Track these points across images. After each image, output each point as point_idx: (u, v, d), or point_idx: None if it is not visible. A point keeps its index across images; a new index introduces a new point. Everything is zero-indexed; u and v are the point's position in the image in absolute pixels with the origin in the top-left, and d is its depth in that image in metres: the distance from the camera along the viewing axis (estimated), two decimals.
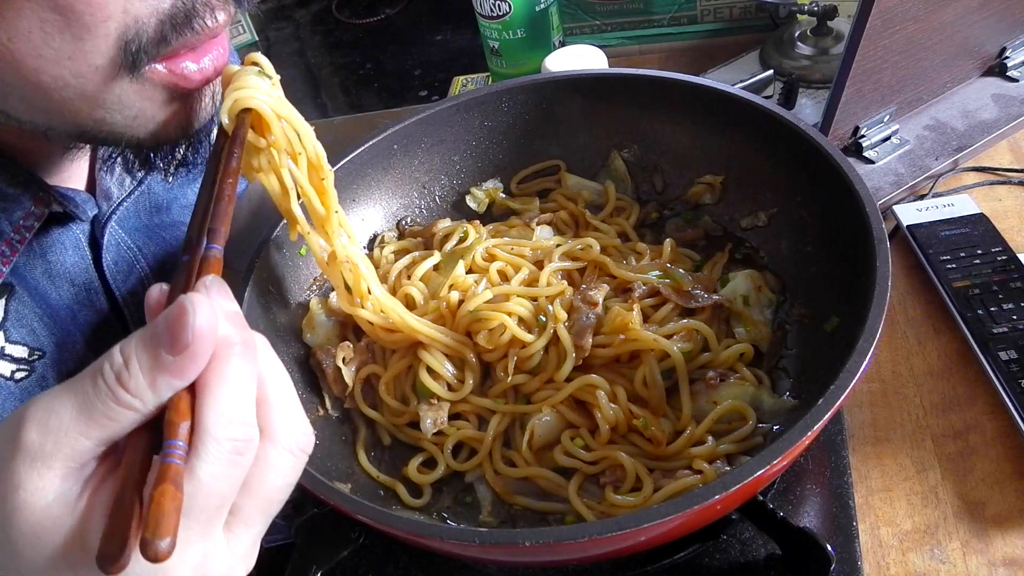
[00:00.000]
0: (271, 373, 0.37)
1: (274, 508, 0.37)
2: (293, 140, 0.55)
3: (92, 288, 0.61)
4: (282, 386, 0.38)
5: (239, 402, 0.34)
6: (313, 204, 0.60)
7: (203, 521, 0.33)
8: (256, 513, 0.36)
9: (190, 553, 0.33)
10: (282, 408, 0.37)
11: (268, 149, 0.54)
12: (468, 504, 0.64)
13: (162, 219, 0.70)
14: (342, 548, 0.61)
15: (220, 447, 0.33)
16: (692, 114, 0.76)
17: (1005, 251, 0.75)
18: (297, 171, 0.57)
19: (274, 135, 0.54)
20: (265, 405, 0.36)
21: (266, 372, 0.37)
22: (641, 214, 0.80)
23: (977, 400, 0.67)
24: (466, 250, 0.73)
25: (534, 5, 1.06)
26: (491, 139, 0.83)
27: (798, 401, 0.62)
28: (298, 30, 1.68)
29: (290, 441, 0.37)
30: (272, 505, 0.37)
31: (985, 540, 0.59)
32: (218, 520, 0.34)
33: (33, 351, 0.57)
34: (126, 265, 0.64)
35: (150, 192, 0.68)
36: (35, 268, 0.57)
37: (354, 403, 0.68)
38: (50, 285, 0.58)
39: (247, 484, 0.35)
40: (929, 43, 0.82)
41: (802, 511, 0.61)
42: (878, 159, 0.87)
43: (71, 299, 0.60)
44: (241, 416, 0.34)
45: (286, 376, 0.38)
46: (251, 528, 0.36)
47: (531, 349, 0.65)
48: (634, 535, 0.44)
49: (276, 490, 0.37)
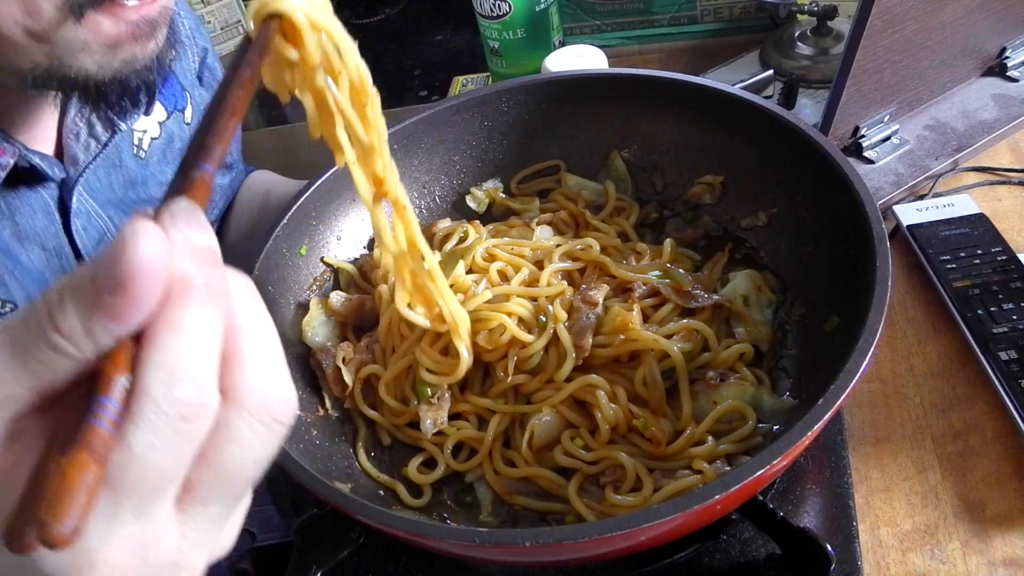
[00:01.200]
0: (249, 323, 0.30)
1: (240, 486, 0.31)
2: (332, 55, 0.46)
3: (63, 254, 0.62)
4: (260, 340, 0.31)
5: (192, 356, 0.28)
6: (357, 132, 0.51)
7: (139, 498, 0.28)
8: (215, 491, 0.30)
9: (122, 535, 0.28)
10: (255, 367, 0.30)
11: (302, 64, 0.46)
12: (468, 504, 0.64)
13: (138, 194, 0.71)
14: (342, 548, 0.61)
15: (161, 411, 0.27)
16: (692, 114, 0.76)
17: (1005, 251, 0.75)
18: (337, 92, 0.48)
19: (307, 48, 0.45)
20: (234, 362, 0.29)
21: (242, 322, 0.30)
22: (641, 214, 0.80)
23: (977, 400, 0.67)
24: (466, 250, 0.73)
25: (534, 5, 1.06)
26: (491, 139, 0.83)
27: (798, 401, 0.62)
28: None
29: (259, 407, 0.30)
30: (237, 483, 0.30)
31: (985, 540, 0.59)
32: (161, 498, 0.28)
33: (5, 303, 0.57)
34: (96, 233, 0.65)
35: (122, 165, 0.69)
36: (4, 229, 0.59)
37: (354, 403, 0.68)
38: (20, 247, 0.59)
39: (204, 456, 0.29)
40: (929, 43, 0.82)
41: (802, 511, 0.61)
42: (878, 159, 0.87)
43: (42, 263, 0.60)
44: (192, 374, 0.27)
45: (269, 329, 0.31)
46: (209, 508, 0.30)
47: (531, 349, 0.65)
48: (634, 535, 0.44)
49: (241, 466, 0.30)
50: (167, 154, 0.74)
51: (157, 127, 0.73)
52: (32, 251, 0.60)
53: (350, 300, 0.73)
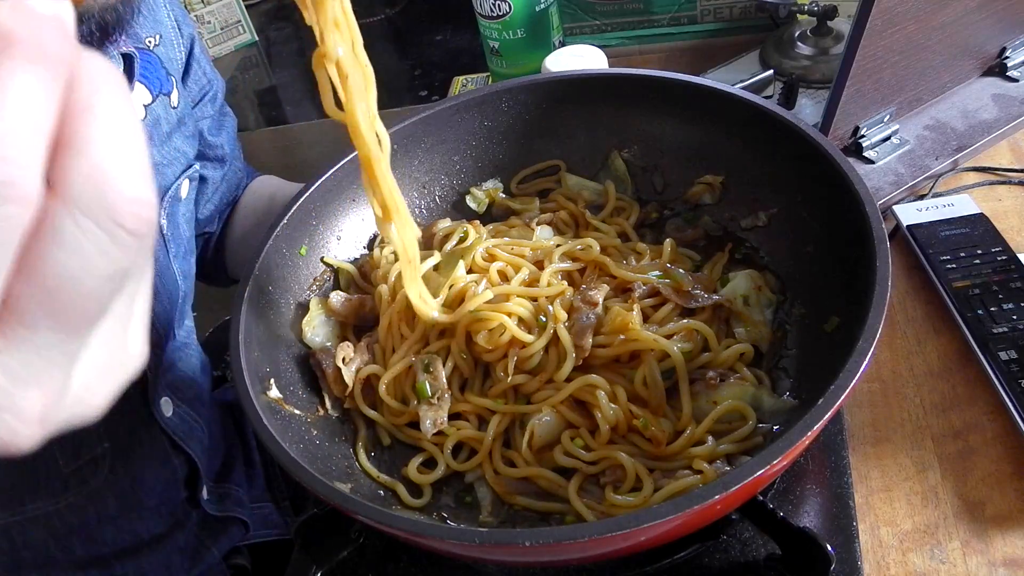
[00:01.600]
0: (100, 107, 0.24)
1: (76, 305, 0.24)
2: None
3: None
4: (111, 128, 0.24)
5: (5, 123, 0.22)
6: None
7: None
8: (41, 310, 0.23)
9: None
10: (98, 157, 0.23)
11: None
12: (468, 504, 0.64)
13: None
14: (342, 548, 0.61)
15: None
16: (692, 114, 0.76)
17: (1005, 251, 0.75)
18: None
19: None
20: (70, 148, 0.23)
21: (91, 103, 0.24)
22: (641, 214, 0.80)
23: (977, 400, 0.67)
24: (466, 250, 0.73)
25: (534, 5, 1.06)
26: (491, 139, 0.83)
27: (798, 401, 0.62)
28: (298, 30, 1.68)
29: (97, 206, 0.23)
30: (71, 300, 0.24)
31: (985, 540, 0.59)
32: None
33: None
34: None
35: None
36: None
37: (354, 403, 0.68)
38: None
39: (25, 263, 0.23)
40: (929, 43, 0.82)
41: (802, 511, 0.61)
42: (878, 159, 0.87)
43: None
44: (4, 145, 0.21)
45: (127, 118, 0.24)
46: (36, 334, 0.24)
47: (531, 349, 0.65)
48: (634, 535, 0.44)
49: (73, 277, 0.23)
50: (154, 136, 0.74)
51: (143, 109, 0.73)
52: None
53: (350, 300, 0.73)
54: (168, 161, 0.76)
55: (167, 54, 0.78)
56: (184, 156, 0.79)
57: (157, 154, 0.75)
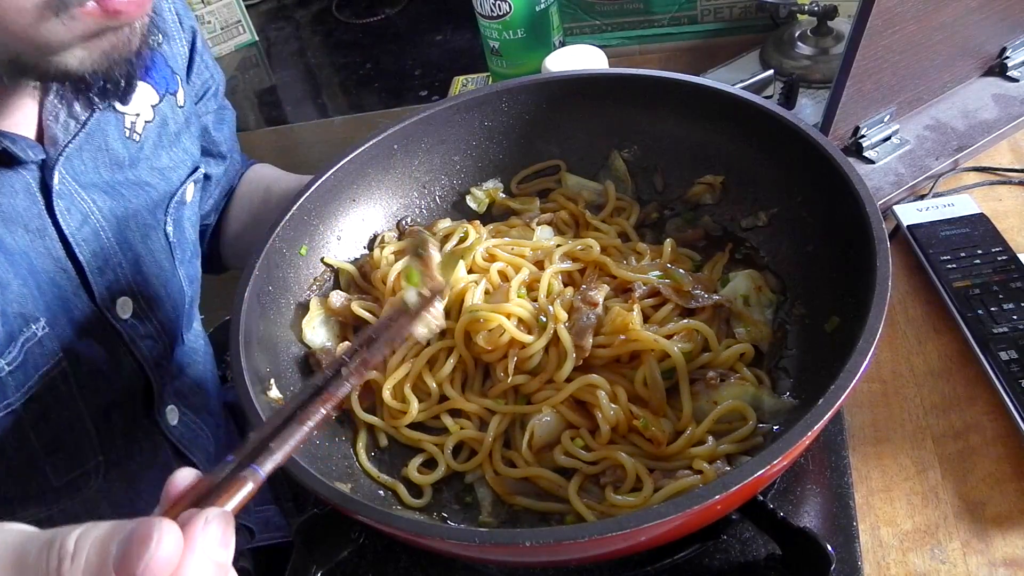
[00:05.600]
0: None
1: None
2: None
3: (46, 235, 0.62)
4: None
5: None
6: None
7: None
8: None
9: None
10: None
11: None
12: (468, 504, 0.64)
13: (125, 176, 0.70)
14: (342, 548, 0.61)
15: None
16: (692, 114, 0.76)
17: (1005, 251, 0.75)
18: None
19: None
20: None
21: None
22: (641, 214, 0.80)
23: (977, 400, 0.67)
24: (466, 250, 0.73)
25: (534, 5, 1.06)
26: (491, 139, 0.83)
27: (798, 401, 0.62)
28: (298, 30, 1.69)
29: None
30: None
31: (985, 540, 0.59)
32: None
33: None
34: (80, 215, 0.64)
35: (108, 149, 0.68)
36: None
37: (352, 407, 0.68)
38: (4, 229, 0.59)
39: None
40: (929, 43, 0.82)
41: (802, 511, 0.61)
42: (878, 159, 0.87)
43: (26, 244, 0.60)
44: None
45: None
46: None
47: (531, 349, 0.65)
48: (634, 535, 0.44)
49: None
50: (162, 137, 0.74)
51: (150, 110, 0.73)
52: (16, 232, 0.60)
53: (350, 300, 0.73)
54: (176, 164, 0.76)
55: (171, 51, 0.77)
56: (191, 157, 0.78)
57: (166, 157, 0.74)
